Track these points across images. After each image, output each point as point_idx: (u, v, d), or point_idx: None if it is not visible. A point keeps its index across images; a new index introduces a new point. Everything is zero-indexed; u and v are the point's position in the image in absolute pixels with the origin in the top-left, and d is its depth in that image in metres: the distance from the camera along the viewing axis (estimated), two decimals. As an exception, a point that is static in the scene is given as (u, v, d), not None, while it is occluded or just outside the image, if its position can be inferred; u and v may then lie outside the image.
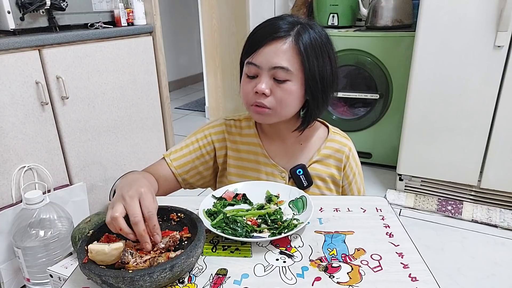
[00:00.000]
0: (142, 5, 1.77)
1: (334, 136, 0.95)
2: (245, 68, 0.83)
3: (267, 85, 0.79)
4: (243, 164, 0.93)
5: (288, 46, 0.78)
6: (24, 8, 1.34)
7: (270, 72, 0.79)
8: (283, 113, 0.83)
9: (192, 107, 4.00)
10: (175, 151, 0.94)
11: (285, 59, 0.78)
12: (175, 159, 0.92)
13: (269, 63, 0.78)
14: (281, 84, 0.79)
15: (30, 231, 1.29)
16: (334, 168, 0.93)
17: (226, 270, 0.60)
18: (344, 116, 2.46)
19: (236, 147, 0.94)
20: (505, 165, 1.80)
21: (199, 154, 0.94)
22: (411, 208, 1.96)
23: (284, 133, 0.92)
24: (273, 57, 0.78)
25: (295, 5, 2.64)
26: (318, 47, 0.79)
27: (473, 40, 1.69)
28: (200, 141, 0.94)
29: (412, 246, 0.66)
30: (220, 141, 0.95)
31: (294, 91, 0.80)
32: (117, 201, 0.62)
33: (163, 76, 1.94)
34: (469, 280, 1.46)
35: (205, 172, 0.96)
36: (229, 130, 0.95)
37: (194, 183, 0.97)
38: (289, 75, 0.78)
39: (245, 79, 0.83)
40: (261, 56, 0.78)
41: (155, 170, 0.91)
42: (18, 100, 1.33)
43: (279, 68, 0.78)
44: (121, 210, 0.60)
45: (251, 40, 0.82)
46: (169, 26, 4.46)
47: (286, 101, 0.81)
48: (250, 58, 0.80)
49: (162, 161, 0.93)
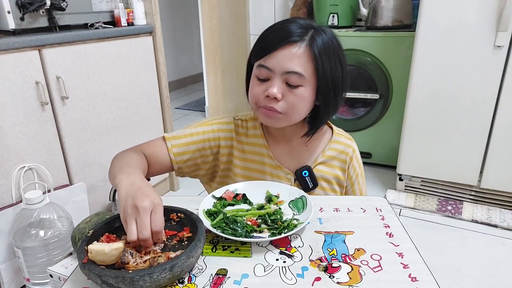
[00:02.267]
0: (142, 5, 1.77)
1: (338, 137, 0.94)
2: (255, 70, 0.82)
3: (279, 90, 0.78)
4: (248, 165, 0.93)
5: (302, 51, 0.77)
6: (24, 8, 1.34)
7: (283, 76, 0.78)
8: (293, 118, 0.82)
9: (192, 107, 4.00)
10: (178, 136, 0.91)
11: (299, 64, 0.77)
12: (176, 146, 0.90)
13: (282, 67, 0.77)
14: (293, 89, 0.78)
15: (30, 231, 1.28)
16: (339, 169, 0.93)
17: (226, 270, 0.60)
18: (344, 116, 2.46)
19: (242, 148, 0.93)
20: (505, 165, 1.80)
21: (201, 147, 0.91)
22: (411, 208, 1.96)
23: (290, 136, 0.91)
24: (286, 62, 0.77)
25: (295, 5, 2.64)
26: (331, 52, 0.79)
27: (473, 40, 1.69)
28: (206, 134, 0.92)
29: (412, 246, 0.66)
30: (227, 139, 0.93)
31: (306, 97, 0.80)
32: (130, 213, 0.61)
33: (163, 76, 1.94)
34: (469, 280, 1.46)
35: (202, 165, 0.94)
36: (237, 130, 0.94)
37: (188, 173, 0.95)
38: (302, 80, 0.78)
39: (255, 82, 0.82)
40: (274, 60, 0.78)
41: (152, 150, 0.88)
42: (18, 100, 1.33)
43: (292, 73, 0.77)
44: (135, 230, 0.59)
45: (263, 43, 0.80)
46: (169, 26, 4.46)
47: (298, 106, 0.80)
48: (262, 60, 0.79)
49: (162, 143, 0.90)
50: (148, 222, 0.60)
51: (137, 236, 0.59)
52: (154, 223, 0.60)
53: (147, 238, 0.59)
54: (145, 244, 0.60)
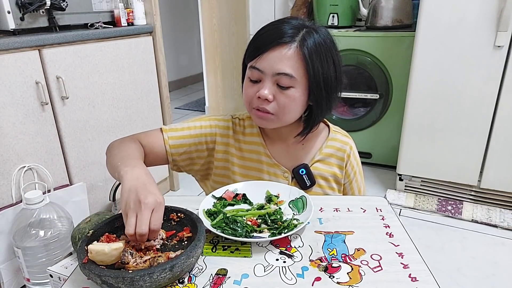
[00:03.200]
0: (142, 5, 1.77)
1: (335, 135, 0.94)
2: (248, 71, 0.82)
3: (270, 91, 0.78)
4: (246, 163, 0.93)
5: (292, 52, 0.77)
6: (24, 8, 1.34)
7: (273, 78, 0.78)
8: (285, 119, 0.83)
9: (192, 107, 4.00)
10: (175, 129, 0.91)
11: (289, 65, 0.77)
12: (173, 138, 0.90)
13: (273, 68, 0.77)
14: (284, 91, 0.79)
15: (30, 231, 1.28)
16: (336, 167, 0.93)
17: (226, 270, 0.60)
18: (344, 116, 2.46)
19: (239, 146, 0.93)
20: (505, 165, 1.80)
21: (198, 141, 0.92)
22: (411, 208, 1.96)
23: (286, 135, 0.91)
24: (277, 63, 0.77)
25: (295, 5, 2.64)
26: (323, 52, 0.78)
27: (473, 40, 1.69)
28: (204, 128, 0.92)
29: (412, 246, 0.66)
30: (223, 136, 0.93)
31: (298, 98, 0.80)
32: (133, 207, 0.61)
33: (163, 76, 1.94)
34: (469, 280, 1.46)
35: (197, 160, 0.94)
36: (234, 128, 0.94)
37: (183, 167, 0.95)
38: (292, 81, 0.78)
39: (248, 83, 0.83)
40: (265, 61, 0.78)
41: (149, 140, 0.88)
42: (18, 100, 1.33)
43: (283, 75, 0.77)
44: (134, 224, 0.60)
45: (255, 44, 0.81)
46: (169, 26, 4.46)
47: (289, 107, 0.80)
48: (253, 62, 0.79)
49: (159, 134, 0.90)
50: (148, 218, 0.60)
51: (134, 230, 0.59)
52: (153, 221, 0.60)
53: (143, 234, 0.59)
54: (141, 239, 0.60)
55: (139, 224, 0.59)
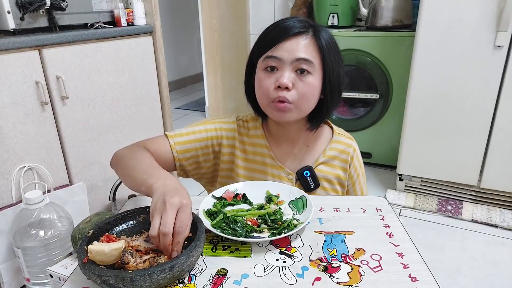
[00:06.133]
0: (142, 5, 1.77)
1: (339, 137, 0.95)
2: (261, 64, 0.82)
3: (289, 79, 0.79)
4: (250, 165, 0.93)
5: (309, 41, 0.80)
6: (24, 8, 1.34)
7: (292, 64, 0.79)
8: (304, 108, 0.83)
9: (192, 107, 4.00)
10: (180, 134, 0.90)
11: (307, 52, 0.79)
12: (179, 143, 0.89)
13: (291, 55, 0.79)
14: (303, 78, 0.80)
15: (30, 231, 1.28)
16: (340, 169, 0.93)
17: (226, 270, 0.60)
18: (344, 116, 2.46)
19: (244, 148, 0.93)
20: (505, 165, 1.80)
21: (204, 145, 0.91)
22: (411, 208, 1.96)
23: (293, 135, 0.91)
24: (295, 50, 0.79)
25: (295, 5, 2.64)
26: (333, 48, 0.82)
27: (473, 40, 1.69)
28: (209, 132, 0.92)
29: (412, 246, 0.66)
30: (229, 139, 0.93)
31: (316, 85, 0.81)
32: (158, 207, 0.60)
33: (163, 76, 1.94)
34: (469, 280, 1.46)
35: (204, 164, 0.94)
36: (239, 130, 0.94)
37: (190, 171, 0.94)
38: (311, 67, 0.79)
39: (264, 74, 0.82)
40: (283, 50, 0.79)
41: (156, 147, 0.87)
42: (18, 100, 1.33)
43: (302, 60, 0.78)
44: (158, 225, 0.58)
45: (267, 38, 0.82)
46: (169, 26, 4.46)
47: (308, 95, 0.81)
48: (269, 52, 0.80)
49: (165, 140, 0.89)
50: (173, 218, 0.58)
51: (158, 232, 0.57)
52: (179, 222, 0.59)
53: (167, 233, 0.57)
54: (164, 240, 0.57)
55: (163, 223, 0.57)
